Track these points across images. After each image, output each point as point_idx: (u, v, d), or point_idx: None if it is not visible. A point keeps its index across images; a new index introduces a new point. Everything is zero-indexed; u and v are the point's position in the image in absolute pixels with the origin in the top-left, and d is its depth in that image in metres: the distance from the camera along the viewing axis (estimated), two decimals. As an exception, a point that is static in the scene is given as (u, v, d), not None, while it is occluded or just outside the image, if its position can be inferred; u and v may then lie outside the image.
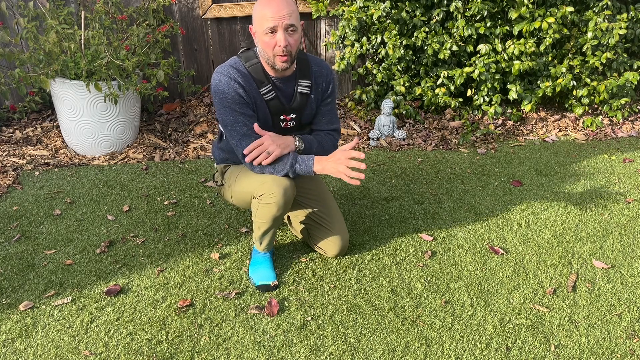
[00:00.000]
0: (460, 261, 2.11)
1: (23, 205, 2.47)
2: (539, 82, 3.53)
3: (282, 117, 1.87)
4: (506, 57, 3.37)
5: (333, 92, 1.95)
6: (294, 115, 1.88)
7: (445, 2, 3.42)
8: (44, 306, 1.80)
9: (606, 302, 1.88)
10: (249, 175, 1.86)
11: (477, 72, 3.36)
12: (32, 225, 2.31)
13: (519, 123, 3.66)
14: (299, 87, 1.85)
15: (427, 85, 3.51)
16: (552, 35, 3.29)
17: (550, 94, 3.51)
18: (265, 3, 1.66)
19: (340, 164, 1.71)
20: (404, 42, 3.41)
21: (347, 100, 3.84)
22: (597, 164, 3.04)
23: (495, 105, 3.49)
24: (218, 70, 1.77)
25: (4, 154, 2.99)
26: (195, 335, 1.69)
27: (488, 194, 2.67)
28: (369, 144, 3.32)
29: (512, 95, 3.44)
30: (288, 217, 2.16)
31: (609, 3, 3.32)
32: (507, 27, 3.41)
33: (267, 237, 1.93)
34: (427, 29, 3.41)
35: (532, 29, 3.37)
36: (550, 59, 3.49)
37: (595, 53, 3.43)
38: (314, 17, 3.51)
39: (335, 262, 2.08)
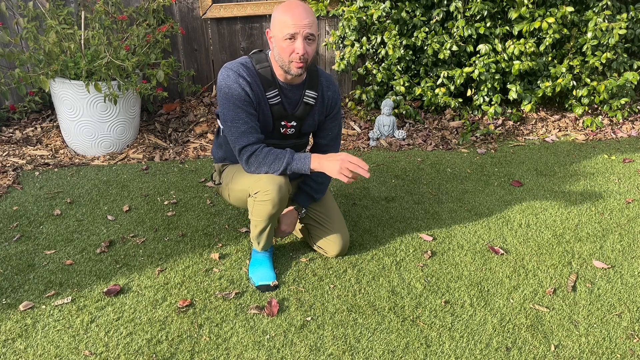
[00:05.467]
0: (460, 261, 2.11)
1: (23, 205, 2.47)
2: (539, 82, 3.53)
3: (282, 123, 1.87)
4: (506, 57, 3.37)
5: (339, 109, 1.99)
6: (294, 123, 1.89)
7: (445, 2, 3.42)
8: (44, 306, 1.80)
9: (606, 302, 1.88)
10: (245, 173, 1.86)
11: (477, 72, 3.36)
12: (32, 225, 2.31)
13: (519, 123, 3.66)
14: (305, 97, 1.86)
15: (427, 85, 3.51)
16: (552, 35, 3.29)
17: (550, 94, 3.51)
18: (287, 9, 1.65)
19: (341, 164, 1.70)
20: (404, 42, 3.41)
21: (347, 100, 3.84)
22: (597, 164, 3.04)
23: (495, 105, 3.49)
24: (227, 66, 1.76)
25: (4, 154, 2.99)
26: (195, 335, 1.69)
27: (488, 194, 2.67)
28: (369, 144, 3.32)
29: (512, 95, 3.44)
30: (288, 217, 2.16)
31: (609, 3, 3.32)
32: (507, 27, 3.41)
33: (264, 236, 1.93)
34: (427, 29, 3.41)
35: (532, 29, 3.37)
36: (550, 59, 3.49)
37: (595, 53, 3.43)
38: (314, 17, 3.51)
39: (335, 262, 2.08)
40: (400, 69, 3.51)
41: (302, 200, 2.04)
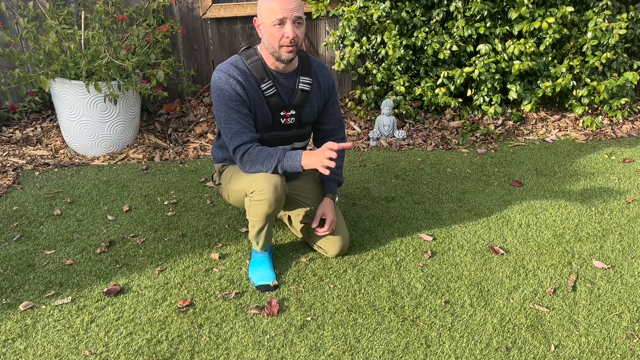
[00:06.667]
0: (460, 261, 2.11)
1: (23, 205, 2.47)
2: (539, 82, 3.53)
3: (282, 114, 1.88)
4: (506, 57, 3.37)
5: (335, 93, 2.02)
6: (293, 112, 1.90)
7: (445, 2, 3.42)
8: (44, 306, 1.80)
9: (606, 302, 1.88)
10: (243, 173, 1.87)
11: (477, 72, 3.36)
12: (32, 225, 2.31)
13: (519, 123, 3.66)
14: (300, 84, 1.86)
15: (427, 85, 3.51)
16: (552, 35, 3.28)
17: (550, 94, 3.51)
18: None
19: (322, 156, 1.69)
20: (404, 42, 3.41)
21: (347, 100, 3.84)
22: (597, 164, 3.04)
23: (495, 105, 3.49)
24: (218, 68, 1.79)
25: (4, 154, 2.99)
26: (195, 335, 1.69)
27: (488, 194, 2.67)
28: (369, 144, 3.32)
29: (512, 95, 3.44)
30: (289, 216, 2.16)
31: (609, 3, 3.32)
32: (507, 27, 3.41)
33: (263, 236, 1.93)
34: (427, 29, 3.41)
35: (532, 29, 3.37)
36: (550, 59, 3.49)
37: (595, 53, 3.43)
38: (314, 17, 3.51)
39: (335, 262, 2.08)
40: (400, 69, 3.51)
41: (330, 187, 2.09)
